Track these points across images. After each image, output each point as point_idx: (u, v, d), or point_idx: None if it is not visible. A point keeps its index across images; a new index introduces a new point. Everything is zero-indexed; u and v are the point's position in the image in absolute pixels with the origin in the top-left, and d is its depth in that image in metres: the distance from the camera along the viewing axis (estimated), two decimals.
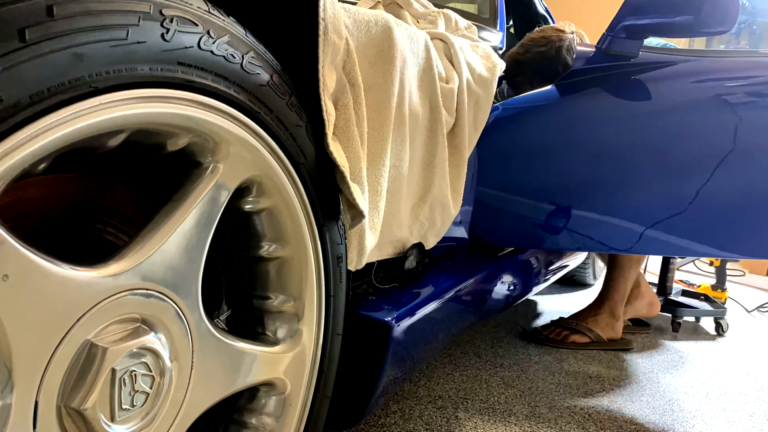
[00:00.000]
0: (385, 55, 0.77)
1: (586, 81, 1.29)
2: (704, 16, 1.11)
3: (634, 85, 1.26)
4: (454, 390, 1.30)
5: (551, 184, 1.28)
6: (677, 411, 1.33)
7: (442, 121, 0.95)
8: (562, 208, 1.26)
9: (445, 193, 1.00)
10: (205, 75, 0.49)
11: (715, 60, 1.29)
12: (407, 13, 1.26)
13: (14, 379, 0.41)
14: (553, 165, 1.28)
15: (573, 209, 1.25)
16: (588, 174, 1.26)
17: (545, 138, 1.30)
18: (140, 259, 0.49)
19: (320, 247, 0.68)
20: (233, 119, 0.53)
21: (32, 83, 0.37)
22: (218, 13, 0.51)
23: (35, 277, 0.41)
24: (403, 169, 0.86)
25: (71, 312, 0.44)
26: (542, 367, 1.52)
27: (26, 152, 0.38)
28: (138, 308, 0.50)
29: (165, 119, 0.47)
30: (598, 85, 1.28)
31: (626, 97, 1.27)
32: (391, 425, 1.11)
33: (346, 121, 0.69)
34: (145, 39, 0.43)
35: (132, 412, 0.51)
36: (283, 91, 0.59)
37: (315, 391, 0.73)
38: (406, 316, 0.84)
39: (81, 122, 0.41)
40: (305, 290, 0.68)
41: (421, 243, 0.99)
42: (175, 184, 0.54)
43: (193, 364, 0.57)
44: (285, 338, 0.69)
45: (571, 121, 1.29)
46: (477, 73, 1.07)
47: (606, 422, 1.23)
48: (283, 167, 0.61)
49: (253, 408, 0.70)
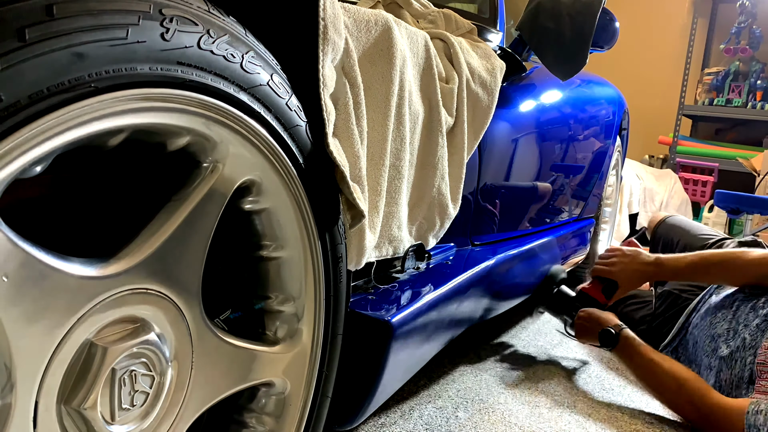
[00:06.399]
0: (384, 55, 0.77)
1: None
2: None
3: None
4: (454, 390, 1.30)
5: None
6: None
7: (442, 121, 0.95)
8: None
9: (444, 193, 1.00)
10: (205, 74, 0.49)
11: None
12: (407, 13, 1.26)
13: (14, 379, 0.41)
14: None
15: None
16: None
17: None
18: (141, 258, 0.49)
19: (320, 247, 0.68)
20: (233, 119, 0.53)
21: (32, 83, 0.37)
22: (218, 12, 0.51)
23: (35, 276, 0.41)
24: (403, 169, 0.86)
25: (71, 311, 0.44)
26: (542, 367, 1.52)
27: (26, 152, 0.38)
28: (138, 308, 0.50)
29: (164, 119, 0.47)
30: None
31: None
32: (391, 425, 1.11)
33: (345, 120, 0.69)
34: (145, 38, 0.43)
35: (132, 411, 0.51)
36: (282, 91, 0.59)
37: (315, 391, 0.73)
38: (406, 315, 0.84)
39: (81, 122, 0.41)
40: (305, 290, 0.68)
41: (421, 243, 1.00)
42: (176, 184, 0.54)
43: (193, 364, 0.57)
44: (285, 338, 0.69)
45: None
46: (477, 73, 1.07)
47: (606, 422, 1.23)
48: (283, 167, 0.61)
49: (253, 408, 0.70)
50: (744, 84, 4.13)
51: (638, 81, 4.50)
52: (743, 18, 4.05)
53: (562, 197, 1.75)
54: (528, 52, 1.39)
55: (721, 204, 2.84)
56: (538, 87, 1.54)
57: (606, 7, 1.30)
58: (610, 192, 2.55)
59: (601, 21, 1.25)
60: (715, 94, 4.25)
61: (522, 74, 1.42)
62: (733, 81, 4.17)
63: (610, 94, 2.18)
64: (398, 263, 0.95)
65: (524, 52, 1.37)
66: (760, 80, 4.09)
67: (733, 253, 1.41)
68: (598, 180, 2.07)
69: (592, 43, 1.23)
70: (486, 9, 1.57)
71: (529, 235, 1.57)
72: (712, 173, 4.07)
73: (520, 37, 1.34)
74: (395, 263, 0.96)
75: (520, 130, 1.38)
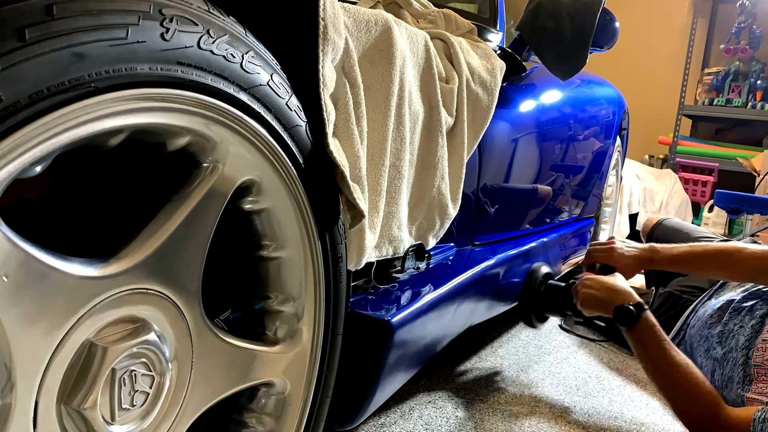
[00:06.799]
0: (384, 55, 0.77)
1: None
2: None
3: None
4: (454, 390, 1.30)
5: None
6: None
7: (442, 121, 0.95)
8: None
9: (444, 193, 1.00)
10: (205, 74, 0.49)
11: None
12: (407, 12, 1.26)
13: (14, 379, 0.41)
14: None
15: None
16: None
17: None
18: (141, 258, 0.49)
19: (320, 247, 0.68)
20: (233, 119, 0.53)
21: (32, 83, 0.37)
22: (218, 12, 0.51)
23: (35, 276, 0.41)
24: (403, 169, 0.86)
25: (71, 311, 0.44)
26: (543, 367, 1.52)
27: (26, 152, 0.38)
28: (138, 308, 0.50)
29: (164, 119, 0.47)
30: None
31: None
32: (391, 425, 1.11)
33: (345, 120, 0.69)
34: (145, 38, 0.43)
35: (132, 412, 0.51)
36: (282, 91, 0.59)
37: (315, 391, 0.73)
38: (406, 315, 0.84)
39: (81, 122, 0.41)
40: (305, 290, 0.68)
41: (421, 243, 1.00)
42: (176, 184, 0.54)
43: (193, 364, 0.57)
44: (285, 338, 0.69)
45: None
46: (477, 73, 1.07)
47: (606, 422, 1.23)
48: (283, 167, 0.61)
49: (253, 408, 0.70)
50: (744, 84, 4.13)
51: (638, 81, 4.50)
52: (743, 18, 4.06)
53: (562, 197, 1.75)
54: (528, 52, 1.40)
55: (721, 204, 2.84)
56: (538, 87, 1.54)
57: (606, 7, 1.30)
58: (610, 192, 2.55)
59: (601, 21, 1.26)
60: (715, 94, 4.26)
61: (522, 74, 1.42)
62: (733, 81, 4.17)
63: (610, 94, 2.18)
64: (398, 263, 0.95)
65: (524, 52, 1.37)
66: (760, 80, 4.10)
67: (733, 246, 1.40)
68: (598, 180, 2.07)
69: (592, 43, 1.23)
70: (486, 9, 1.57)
71: (529, 235, 1.57)
72: (712, 173, 4.07)
73: (520, 37, 1.34)
74: (395, 263, 0.96)
75: (520, 130, 1.38)
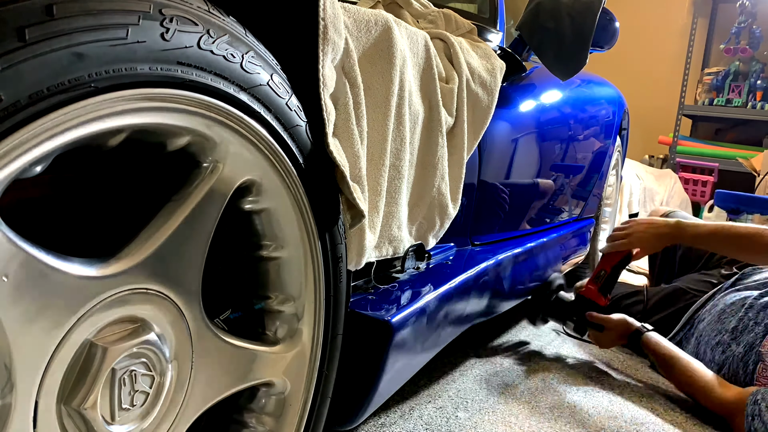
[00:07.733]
0: (384, 55, 0.77)
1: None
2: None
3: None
4: (454, 390, 1.30)
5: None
6: (679, 412, 1.33)
7: (442, 121, 0.95)
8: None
9: (444, 193, 1.00)
10: (205, 74, 0.49)
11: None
12: (407, 12, 1.26)
13: (14, 379, 0.41)
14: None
15: None
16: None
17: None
18: (141, 258, 0.49)
19: (320, 247, 0.68)
20: (233, 119, 0.53)
21: (32, 83, 0.37)
22: (218, 12, 0.51)
23: (35, 276, 0.41)
24: (403, 169, 0.86)
25: (71, 311, 0.44)
26: (543, 367, 1.52)
27: (26, 152, 0.38)
28: (138, 308, 0.50)
29: (164, 119, 0.47)
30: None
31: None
32: (391, 425, 1.11)
33: (345, 120, 0.69)
34: (145, 38, 0.43)
35: (132, 411, 0.51)
36: (282, 91, 0.59)
37: (315, 391, 0.73)
38: (406, 315, 0.84)
39: (81, 122, 0.41)
40: (305, 290, 0.68)
41: (421, 243, 1.00)
42: (176, 184, 0.54)
43: (193, 364, 0.57)
44: (285, 338, 0.69)
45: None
46: (477, 73, 1.07)
47: (606, 422, 1.23)
48: (283, 167, 0.61)
49: (253, 408, 0.70)
50: (744, 84, 4.13)
51: (638, 81, 4.50)
52: (743, 18, 4.06)
53: (562, 197, 1.75)
54: (528, 52, 1.40)
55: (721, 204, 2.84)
56: (538, 87, 1.54)
57: (606, 7, 1.30)
58: (610, 192, 2.55)
59: (601, 21, 1.26)
60: (715, 94, 4.26)
61: (522, 74, 1.42)
62: (733, 81, 4.17)
63: (610, 94, 2.18)
64: (398, 263, 0.96)
65: (524, 52, 1.37)
66: (760, 80, 4.10)
67: (757, 229, 1.41)
68: (598, 180, 2.07)
69: (592, 43, 1.23)
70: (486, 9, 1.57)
71: (529, 235, 1.57)
72: (712, 173, 4.07)
73: (520, 37, 1.34)
74: (395, 263, 0.96)
75: (520, 130, 1.38)
